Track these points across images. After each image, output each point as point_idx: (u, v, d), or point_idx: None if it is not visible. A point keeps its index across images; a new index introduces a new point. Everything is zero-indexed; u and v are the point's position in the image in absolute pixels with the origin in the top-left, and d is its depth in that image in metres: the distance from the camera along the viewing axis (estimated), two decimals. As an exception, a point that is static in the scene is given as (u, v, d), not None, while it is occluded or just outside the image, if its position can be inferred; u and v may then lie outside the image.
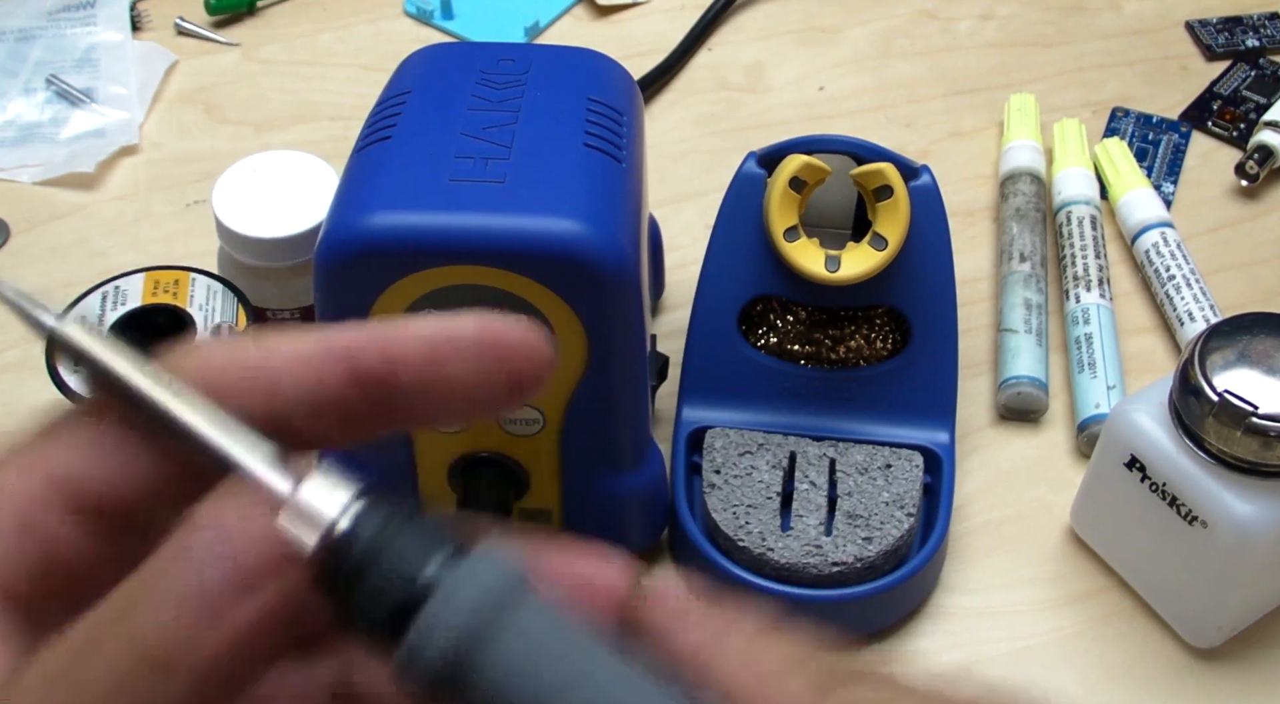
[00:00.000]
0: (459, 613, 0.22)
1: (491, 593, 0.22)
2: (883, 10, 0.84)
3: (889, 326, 0.57)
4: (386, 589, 0.22)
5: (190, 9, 0.83)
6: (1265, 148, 0.72)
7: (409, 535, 0.22)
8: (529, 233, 0.46)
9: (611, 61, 0.56)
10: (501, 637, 0.22)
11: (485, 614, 0.22)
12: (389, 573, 0.22)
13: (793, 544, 0.53)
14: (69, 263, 0.69)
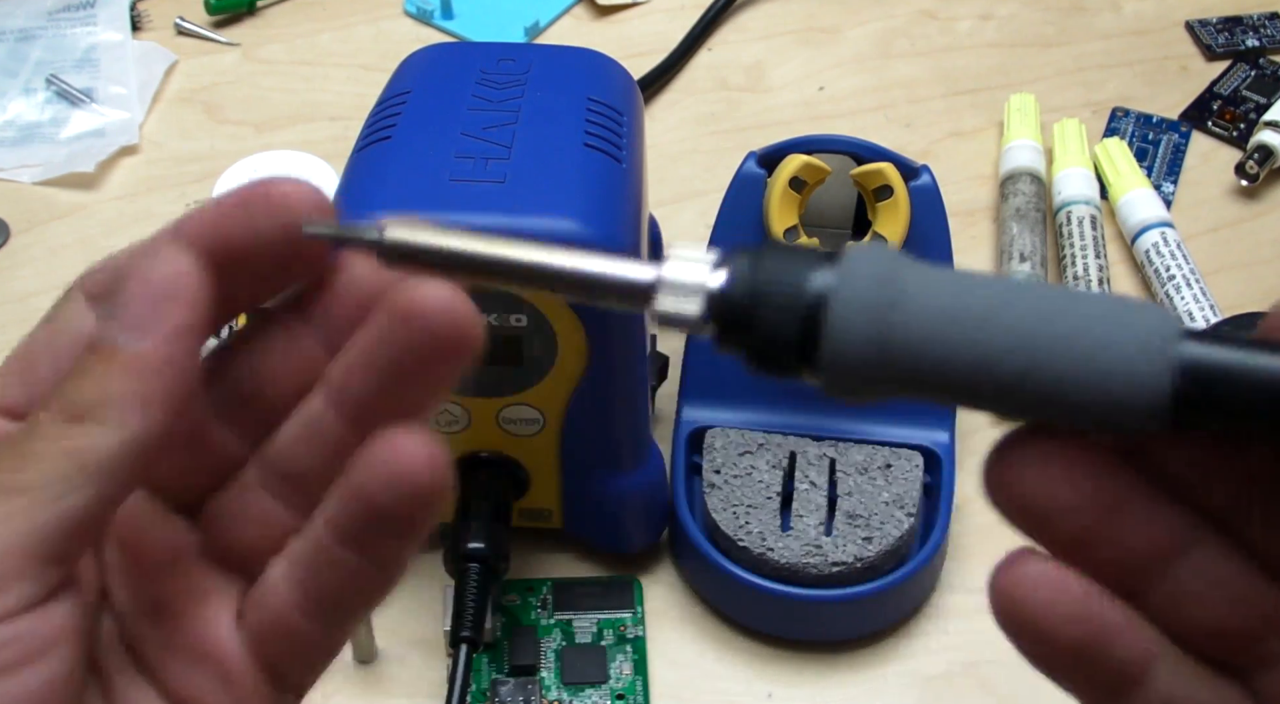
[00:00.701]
0: (865, 289, 0.22)
1: (883, 266, 0.22)
2: (883, 10, 0.84)
3: (889, 326, 0.57)
4: (785, 312, 0.23)
5: (190, 9, 0.83)
6: (1265, 148, 0.72)
7: (779, 266, 0.23)
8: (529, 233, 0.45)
9: (611, 61, 0.56)
10: (912, 295, 0.22)
11: (887, 284, 0.22)
12: (779, 300, 0.23)
13: (793, 544, 0.53)
14: (69, 263, 0.69)
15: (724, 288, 0.23)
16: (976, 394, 0.22)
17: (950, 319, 0.22)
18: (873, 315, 0.22)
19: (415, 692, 0.53)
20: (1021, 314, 0.22)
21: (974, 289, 0.22)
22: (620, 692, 0.53)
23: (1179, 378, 0.21)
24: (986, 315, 0.22)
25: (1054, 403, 0.22)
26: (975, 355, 0.22)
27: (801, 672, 0.54)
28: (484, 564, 0.50)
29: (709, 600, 0.56)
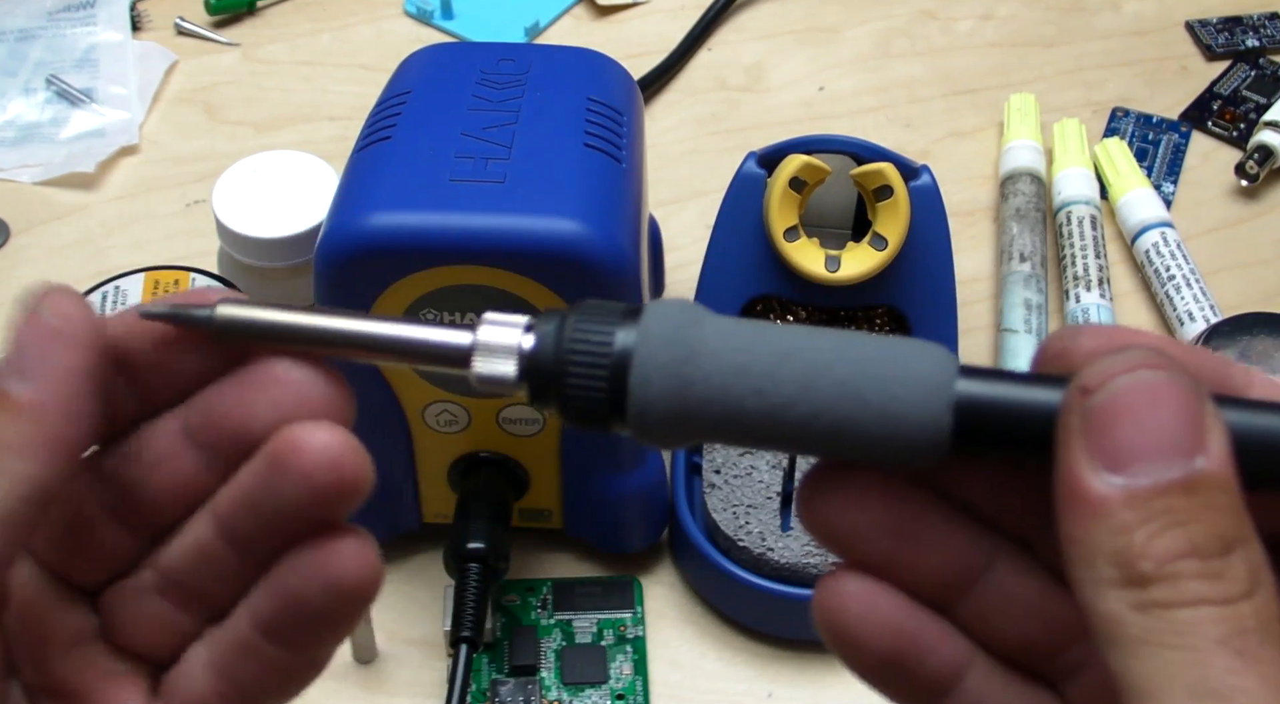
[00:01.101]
0: (662, 347, 0.24)
1: (678, 323, 0.24)
2: (883, 10, 0.84)
3: (889, 327, 0.57)
4: (591, 372, 0.24)
5: (190, 9, 0.83)
6: (1265, 148, 0.72)
7: (583, 328, 0.24)
8: (529, 233, 0.46)
9: (611, 61, 0.56)
10: (707, 350, 0.24)
11: (682, 341, 0.24)
12: (584, 361, 0.24)
13: (793, 544, 0.53)
14: (69, 263, 0.69)
15: (534, 350, 0.25)
16: (772, 438, 0.24)
17: (741, 370, 0.23)
18: (669, 373, 0.23)
19: (415, 692, 0.53)
20: (809, 362, 0.23)
21: (764, 340, 0.24)
22: (620, 692, 0.53)
23: (956, 413, 0.23)
24: (776, 365, 0.23)
25: (843, 443, 0.23)
26: (766, 403, 0.23)
27: (802, 672, 0.54)
28: (484, 564, 0.50)
29: (709, 600, 0.56)
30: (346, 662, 0.54)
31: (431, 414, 0.51)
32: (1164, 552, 0.20)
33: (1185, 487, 0.20)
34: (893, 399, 0.23)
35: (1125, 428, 0.21)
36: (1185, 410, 0.21)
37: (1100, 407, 0.21)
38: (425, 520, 0.56)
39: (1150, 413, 0.21)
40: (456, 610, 0.49)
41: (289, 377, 0.26)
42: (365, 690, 0.53)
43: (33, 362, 0.24)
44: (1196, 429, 0.21)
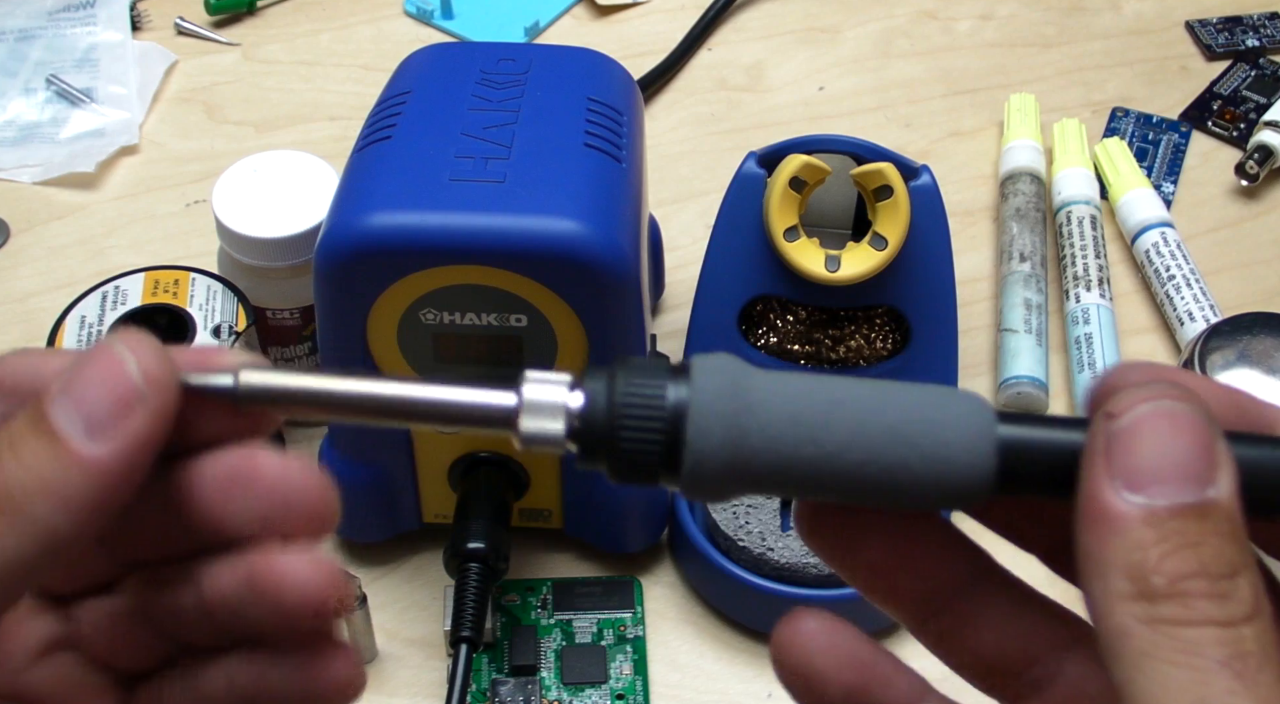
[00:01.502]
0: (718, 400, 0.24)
1: (731, 377, 0.24)
2: (883, 10, 0.84)
3: (889, 326, 0.57)
4: (647, 429, 0.24)
5: (190, 9, 0.83)
6: (1265, 148, 0.72)
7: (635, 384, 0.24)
8: (529, 233, 0.46)
9: (611, 61, 0.56)
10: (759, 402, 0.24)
11: (737, 394, 0.24)
12: (639, 418, 0.24)
13: (793, 544, 0.53)
14: (69, 263, 0.69)
15: (584, 408, 0.25)
16: (823, 486, 0.24)
17: (794, 420, 0.24)
18: (727, 424, 0.24)
19: (415, 692, 0.53)
20: (859, 409, 0.24)
21: (813, 390, 0.24)
22: (620, 692, 0.53)
23: (1000, 457, 0.24)
24: (827, 413, 0.24)
25: (894, 488, 0.24)
26: (820, 451, 0.24)
27: (801, 672, 0.54)
28: (484, 564, 0.50)
29: (709, 600, 0.56)
30: (346, 662, 0.54)
31: (431, 414, 0.51)
32: (1176, 570, 0.21)
33: (1198, 512, 0.22)
34: (942, 444, 0.24)
35: (1146, 451, 0.22)
36: (1201, 441, 0.22)
37: (1123, 430, 0.22)
38: (425, 520, 0.56)
39: (1170, 440, 0.22)
40: (456, 610, 0.49)
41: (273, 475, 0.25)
42: (365, 690, 0.53)
43: (107, 419, 0.23)
44: (1210, 460, 0.22)
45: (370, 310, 0.48)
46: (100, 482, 0.23)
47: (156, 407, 0.24)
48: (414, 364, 0.50)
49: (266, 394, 0.25)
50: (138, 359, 0.24)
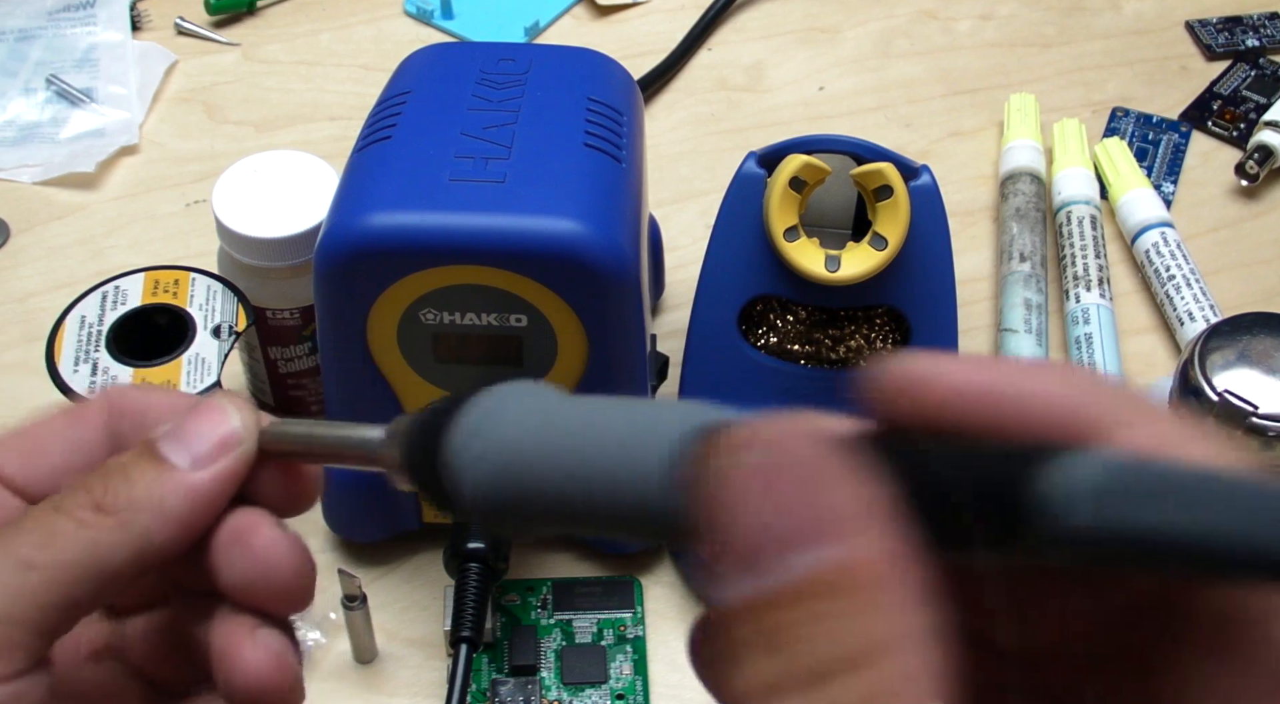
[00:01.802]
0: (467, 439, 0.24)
1: (498, 400, 0.25)
2: (883, 10, 0.84)
3: (889, 326, 0.57)
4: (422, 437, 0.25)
5: (190, 9, 0.83)
6: (1265, 148, 0.72)
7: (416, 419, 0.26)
8: (529, 233, 0.46)
9: (611, 61, 0.56)
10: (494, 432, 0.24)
11: (488, 416, 0.24)
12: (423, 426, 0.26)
13: (793, 544, 0.52)
14: (69, 263, 0.69)
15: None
16: (538, 519, 0.24)
17: (524, 461, 0.23)
18: (466, 447, 0.24)
19: (415, 692, 0.53)
20: (572, 461, 0.23)
21: (551, 433, 0.23)
22: (620, 692, 0.53)
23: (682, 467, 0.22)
24: (551, 454, 0.23)
25: (606, 517, 0.23)
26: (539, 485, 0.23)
27: (801, 672, 0.54)
28: (484, 564, 0.50)
29: (709, 600, 0.56)
30: (346, 662, 0.54)
31: (431, 414, 0.51)
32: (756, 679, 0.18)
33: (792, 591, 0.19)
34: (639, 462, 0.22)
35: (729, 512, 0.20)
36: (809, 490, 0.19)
37: (715, 491, 0.20)
38: (425, 520, 0.56)
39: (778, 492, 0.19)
40: (456, 610, 0.49)
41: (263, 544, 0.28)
42: (365, 690, 0.53)
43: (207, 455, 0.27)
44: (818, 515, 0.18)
45: (370, 310, 0.48)
46: (193, 504, 0.27)
47: (246, 451, 0.28)
48: (414, 364, 0.50)
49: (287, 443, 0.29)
50: (240, 412, 0.28)
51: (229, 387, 0.60)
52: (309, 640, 0.54)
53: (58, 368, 0.53)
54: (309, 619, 0.54)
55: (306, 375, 0.60)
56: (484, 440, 0.24)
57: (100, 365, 0.53)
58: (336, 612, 0.54)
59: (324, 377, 0.52)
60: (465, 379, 0.50)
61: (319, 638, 0.54)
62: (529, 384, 0.25)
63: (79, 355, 0.53)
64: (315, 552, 0.57)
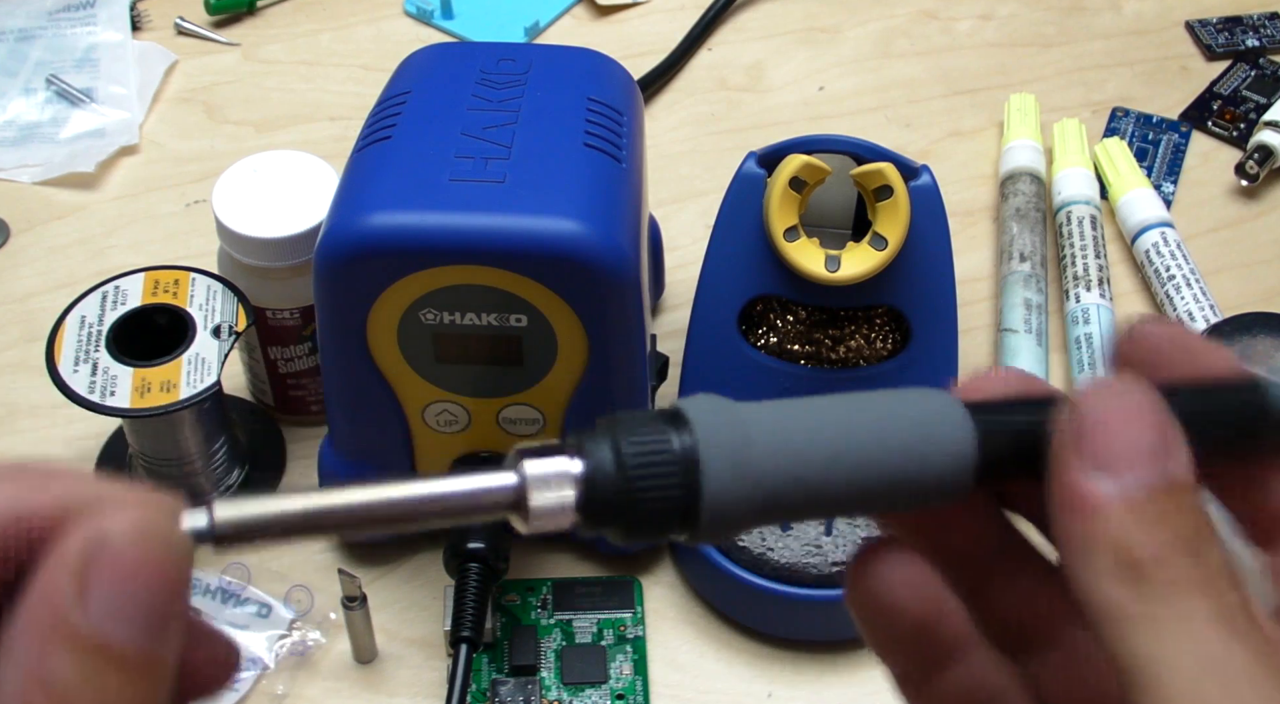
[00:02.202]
0: (725, 441, 0.24)
1: (727, 414, 0.24)
2: (883, 10, 0.84)
3: (889, 326, 0.57)
4: (664, 484, 0.24)
5: (190, 9, 0.83)
6: (1265, 148, 0.72)
7: (640, 441, 0.24)
8: (529, 233, 0.46)
9: (611, 61, 0.56)
10: (757, 433, 0.24)
11: (737, 429, 0.24)
12: (656, 474, 0.23)
13: (793, 544, 0.53)
14: (69, 263, 0.69)
15: (589, 472, 0.23)
16: (825, 507, 0.25)
17: (795, 450, 0.24)
18: (737, 466, 0.24)
19: (415, 692, 0.53)
20: (849, 422, 0.25)
21: (801, 416, 0.25)
22: (620, 692, 0.53)
23: (980, 448, 0.25)
24: (819, 438, 0.24)
25: (890, 496, 0.25)
26: (819, 476, 0.24)
27: (801, 672, 0.54)
28: (484, 564, 0.50)
29: (709, 600, 0.56)
30: (346, 662, 0.54)
31: (431, 414, 0.51)
32: (1156, 541, 0.23)
33: (1165, 490, 0.23)
34: (929, 446, 0.25)
35: (1113, 439, 0.24)
36: (1158, 424, 0.24)
37: (1090, 422, 0.24)
38: (425, 520, 0.56)
39: (1133, 426, 0.24)
40: (456, 610, 0.49)
41: None
42: (365, 690, 0.53)
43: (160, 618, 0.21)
44: (1167, 442, 0.24)
45: (370, 310, 0.48)
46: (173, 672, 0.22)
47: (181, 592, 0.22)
48: (414, 364, 0.50)
49: (246, 528, 0.22)
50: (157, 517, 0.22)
51: (229, 386, 0.60)
52: (309, 640, 0.54)
53: (58, 368, 0.53)
54: (309, 619, 0.54)
55: (306, 375, 0.60)
56: (753, 469, 0.24)
57: (100, 365, 0.53)
58: (336, 612, 0.54)
59: (324, 377, 0.52)
60: (465, 379, 0.50)
61: (319, 638, 0.54)
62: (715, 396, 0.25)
63: (79, 355, 0.53)
64: (315, 551, 0.58)
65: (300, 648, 0.54)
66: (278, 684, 0.53)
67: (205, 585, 0.55)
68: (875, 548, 0.27)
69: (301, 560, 0.57)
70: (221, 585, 0.55)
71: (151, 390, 0.52)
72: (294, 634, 0.54)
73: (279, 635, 0.54)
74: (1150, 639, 0.22)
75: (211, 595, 0.55)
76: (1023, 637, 0.28)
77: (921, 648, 0.28)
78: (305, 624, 0.54)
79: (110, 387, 0.52)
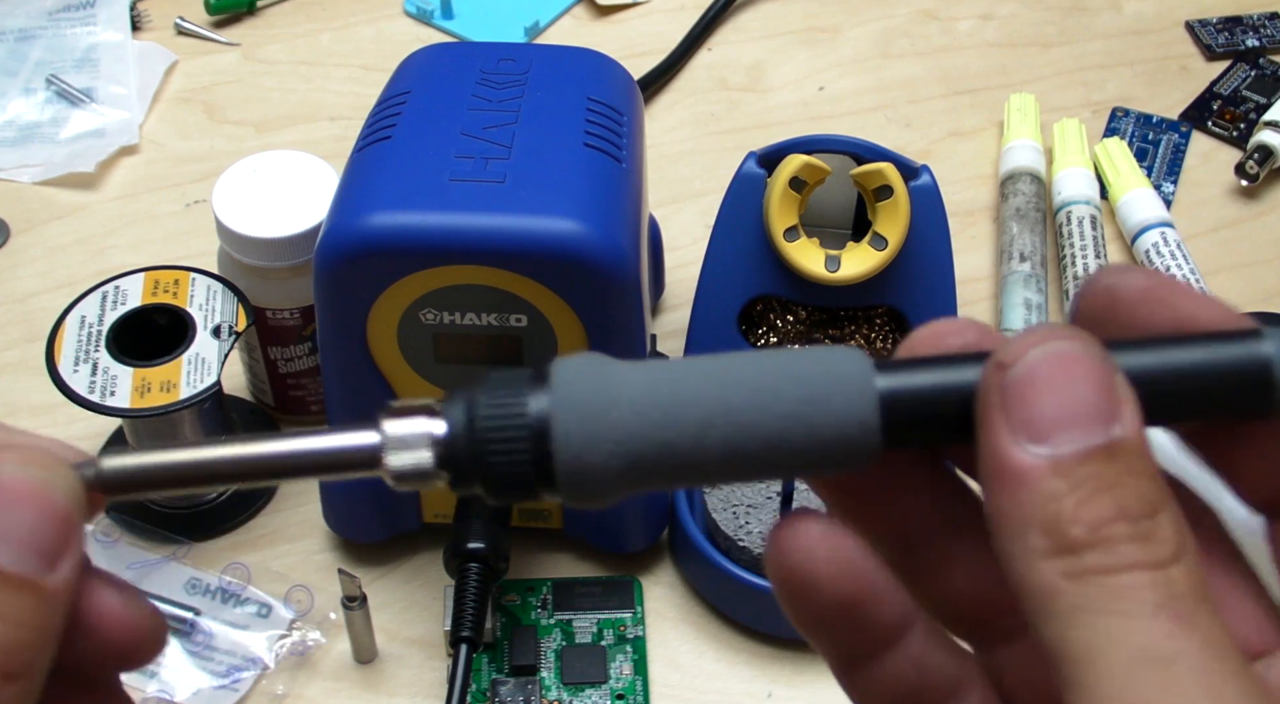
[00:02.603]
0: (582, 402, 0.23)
1: (591, 376, 0.23)
2: (883, 10, 0.84)
3: (889, 326, 0.57)
4: (512, 446, 0.23)
5: (190, 9, 0.83)
6: (1265, 148, 0.72)
7: (494, 402, 0.24)
8: (529, 233, 0.46)
9: (611, 61, 0.56)
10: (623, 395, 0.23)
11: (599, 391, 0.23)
12: (504, 435, 0.23)
13: (793, 544, 0.52)
14: (69, 263, 0.69)
15: (448, 434, 0.24)
16: (704, 472, 0.23)
17: (664, 408, 0.23)
18: (592, 426, 0.23)
19: (415, 692, 0.53)
20: (726, 384, 0.23)
21: (678, 373, 0.23)
22: (620, 692, 0.53)
23: (884, 409, 0.23)
24: (696, 396, 0.23)
25: (779, 461, 0.23)
26: (693, 437, 0.23)
27: (801, 672, 0.54)
28: (484, 564, 0.50)
29: (709, 600, 0.56)
30: (346, 662, 0.54)
31: (431, 414, 0.51)
32: (1094, 517, 0.20)
33: (1106, 453, 0.21)
34: (820, 406, 0.23)
35: (1044, 399, 0.21)
36: (1098, 380, 0.21)
37: (1017, 380, 0.21)
38: (425, 520, 0.56)
39: (1066, 384, 0.21)
40: (456, 610, 0.49)
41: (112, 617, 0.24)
42: (365, 690, 0.53)
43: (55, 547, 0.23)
44: (1110, 398, 0.21)
45: (370, 310, 0.48)
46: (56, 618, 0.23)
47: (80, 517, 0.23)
48: (414, 364, 0.50)
49: (129, 476, 0.24)
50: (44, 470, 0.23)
51: (229, 386, 0.60)
52: (309, 640, 0.54)
53: (58, 368, 0.53)
54: (309, 619, 0.54)
55: (306, 375, 0.60)
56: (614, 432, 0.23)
57: (100, 365, 0.53)
58: (336, 612, 0.54)
59: (324, 376, 0.52)
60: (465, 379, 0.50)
61: (319, 638, 0.54)
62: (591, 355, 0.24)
63: (79, 355, 0.53)
64: (315, 552, 0.58)
65: (300, 648, 0.54)
66: (278, 684, 0.53)
67: (205, 585, 0.55)
68: (794, 519, 0.24)
69: (301, 560, 0.57)
70: (221, 585, 0.55)
71: (151, 390, 0.52)
72: (294, 634, 0.54)
73: (279, 635, 0.54)
74: (1084, 629, 0.20)
75: (211, 595, 0.55)
76: (981, 623, 0.25)
77: (850, 632, 0.25)
78: (305, 624, 0.54)
79: (110, 387, 0.52)
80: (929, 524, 0.25)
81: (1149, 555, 0.20)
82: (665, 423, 0.23)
